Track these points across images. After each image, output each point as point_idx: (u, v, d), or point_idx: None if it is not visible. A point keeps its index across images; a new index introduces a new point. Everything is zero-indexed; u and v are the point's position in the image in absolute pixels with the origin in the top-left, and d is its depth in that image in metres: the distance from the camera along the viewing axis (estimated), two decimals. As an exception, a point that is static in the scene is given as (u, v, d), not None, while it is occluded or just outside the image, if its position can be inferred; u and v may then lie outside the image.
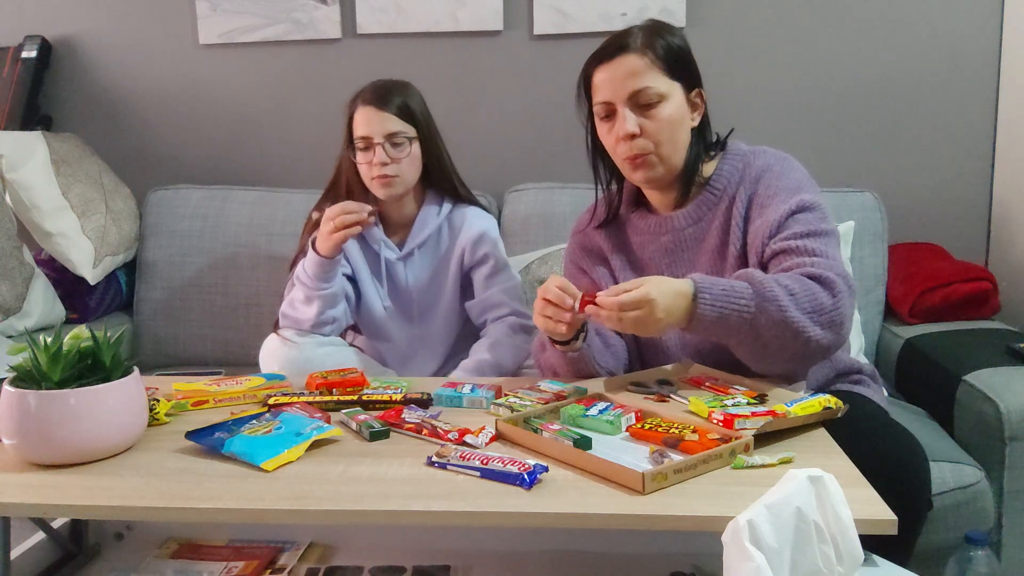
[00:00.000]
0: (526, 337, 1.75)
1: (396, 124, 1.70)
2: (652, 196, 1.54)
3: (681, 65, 1.44)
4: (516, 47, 2.40)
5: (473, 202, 1.87)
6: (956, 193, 2.35)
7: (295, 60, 2.47)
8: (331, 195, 1.82)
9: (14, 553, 1.29)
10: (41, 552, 1.35)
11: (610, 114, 1.44)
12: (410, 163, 1.73)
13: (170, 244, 2.32)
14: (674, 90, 1.42)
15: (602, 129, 1.47)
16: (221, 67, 2.49)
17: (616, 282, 1.55)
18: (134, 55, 2.50)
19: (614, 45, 1.42)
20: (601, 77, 1.43)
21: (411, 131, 1.72)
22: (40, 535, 1.36)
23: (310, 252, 1.68)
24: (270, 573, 1.29)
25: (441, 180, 1.82)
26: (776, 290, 1.24)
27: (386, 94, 1.72)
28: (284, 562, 1.31)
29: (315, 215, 1.80)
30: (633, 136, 1.41)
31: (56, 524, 1.37)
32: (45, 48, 2.46)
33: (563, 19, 2.36)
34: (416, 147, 1.73)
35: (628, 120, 1.41)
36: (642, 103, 1.41)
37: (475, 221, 1.83)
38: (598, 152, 1.53)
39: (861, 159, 2.36)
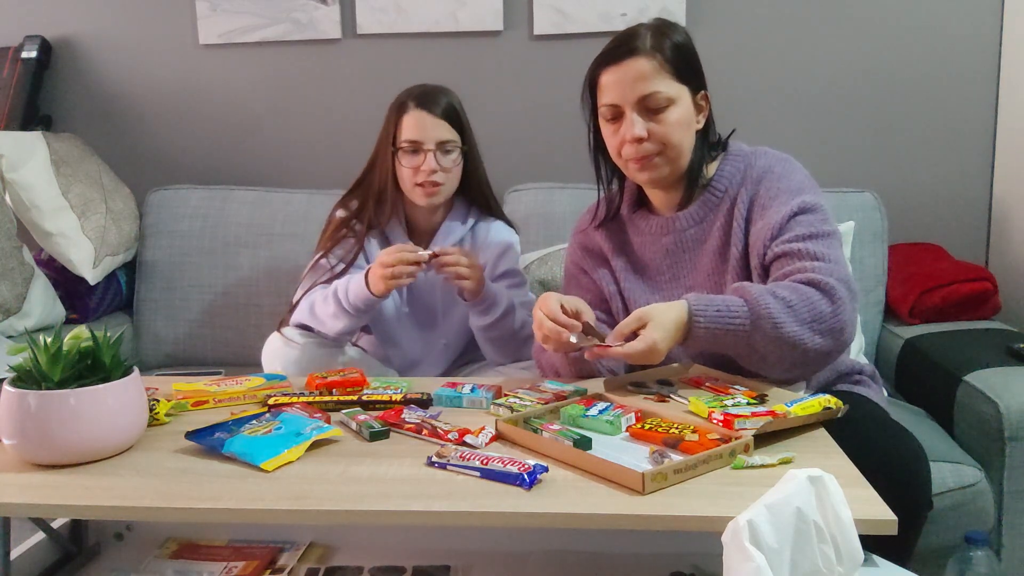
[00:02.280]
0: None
1: (447, 132, 1.70)
2: (654, 196, 1.53)
3: (688, 67, 1.43)
4: (516, 47, 2.40)
5: (501, 216, 1.87)
6: (956, 193, 2.35)
7: (295, 60, 2.47)
8: (359, 193, 1.81)
9: (14, 553, 1.29)
10: (41, 552, 1.35)
11: (616, 116, 1.43)
12: (456, 172, 1.73)
13: (170, 244, 2.32)
14: (682, 94, 1.41)
15: (607, 130, 1.46)
16: (221, 67, 2.49)
17: (617, 285, 1.55)
18: (134, 55, 2.50)
19: (623, 47, 1.41)
20: (609, 79, 1.42)
21: (459, 140, 1.72)
22: (40, 535, 1.36)
23: (360, 282, 1.62)
24: (270, 573, 1.29)
25: (476, 192, 1.81)
26: (772, 306, 1.24)
27: (436, 98, 1.71)
28: (284, 562, 1.31)
29: (339, 213, 1.80)
30: (640, 140, 1.40)
31: (56, 524, 1.37)
32: (45, 48, 2.46)
33: (563, 19, 2.36)
34: (460, 156, 1.73)
35: (636, 124, 1.40)
36: (650, 107, 1.40)
37: (500, 235, 1.83)
38: (600, 151, 1.53)
39: (861, 159, 2.36)
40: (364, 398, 1.32)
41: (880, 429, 1.24)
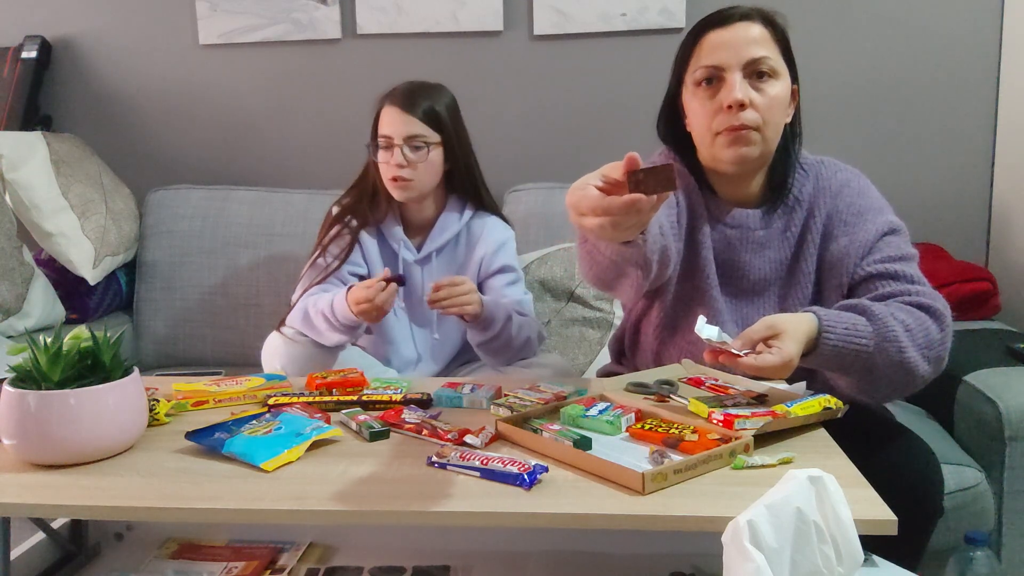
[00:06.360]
0: (534, 349, 1.77)
1: (418, 128, 1.70)
2: (723, 187, 1.41)
3: (789, 54, 1.38)
4: (516, 47, 2.41)
5: (495, 212, 1.87)
6: (956, 193, 2.35)
7: (295, 60, 2.47)
8: (356, 191, 1.83)
9: (14, 553, 1.29)
10: (41, 552, 1.35)
11: (712, 79, 1.33)
12: (427, 169, 1.72)
13: (170, 244, 2.32)
14: (785, 73, 1.36)
15: (699, 97, 1.34)
16: (221, 67, 2.49)
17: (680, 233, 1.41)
18: (134, 55, 2.51)
19: (735, 13, 1.34)
20: (716, 39, 1.33)
21: (434, 136, 1.72)
22: (40, 535, 1.36)
23: (343, 302, 1.59)
24: (270, 573, 1.29)
25: (466, 186, 1.82)
26: (896, 329, 1.19)
27: (415, 96, 1.71)
28: (284, 562, 1.31)
29: (335, 210, 1.82)
30: (742, 106, 1.29)
31: (56, 524, 1.37)
32: (45, 48, 2.46)
33: (563, 19, 2.36)
34: (436, 153, 1.73)
35: (739, 87, 1.29)
36: (758, 71, 1.31)
37: (495, 230, 1.83)
38: (670, 125, 1.43)
39: (861, 159, 2.34)
40: (364, 398, 1.32)
41: (893, 437, 1.24)
